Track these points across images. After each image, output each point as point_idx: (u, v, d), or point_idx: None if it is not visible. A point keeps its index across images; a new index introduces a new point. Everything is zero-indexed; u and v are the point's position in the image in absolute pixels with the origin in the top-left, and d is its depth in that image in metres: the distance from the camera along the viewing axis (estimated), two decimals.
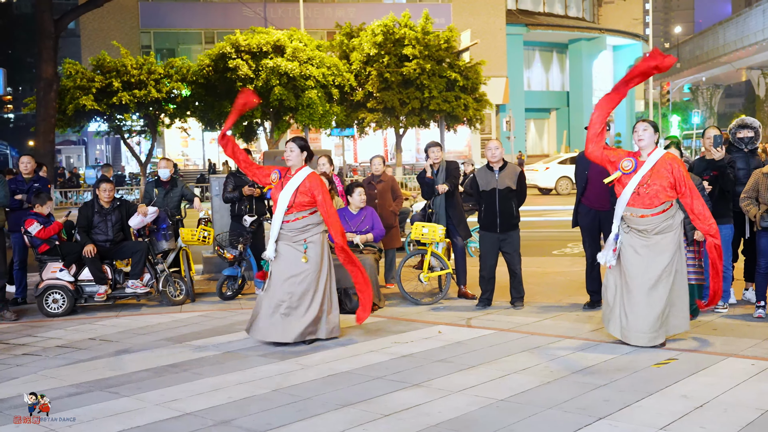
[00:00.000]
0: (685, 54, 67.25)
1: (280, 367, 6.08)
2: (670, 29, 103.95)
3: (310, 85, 28.99)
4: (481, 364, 5.96)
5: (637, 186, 6.27)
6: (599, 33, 51.83)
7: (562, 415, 4.71)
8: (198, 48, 40.07)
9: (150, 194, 9.95)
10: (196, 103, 30.91)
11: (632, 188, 6.29)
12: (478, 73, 32.24)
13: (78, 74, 28.90)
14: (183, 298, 9.15)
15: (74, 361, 6.55)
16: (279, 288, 6.80)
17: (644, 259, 6.29)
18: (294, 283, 6.78)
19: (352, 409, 4.95)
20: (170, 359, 6.45)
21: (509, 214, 8.18)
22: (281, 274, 6.81)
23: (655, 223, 6.26)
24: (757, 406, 4.74)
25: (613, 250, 6.43)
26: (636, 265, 6.32)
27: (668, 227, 6.31)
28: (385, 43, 31.25)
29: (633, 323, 6.29)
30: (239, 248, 9.40)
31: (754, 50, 53.78)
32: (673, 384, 5.26)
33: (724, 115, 77.11)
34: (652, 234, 6.28)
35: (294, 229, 6.82)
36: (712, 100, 72.44)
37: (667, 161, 6.29)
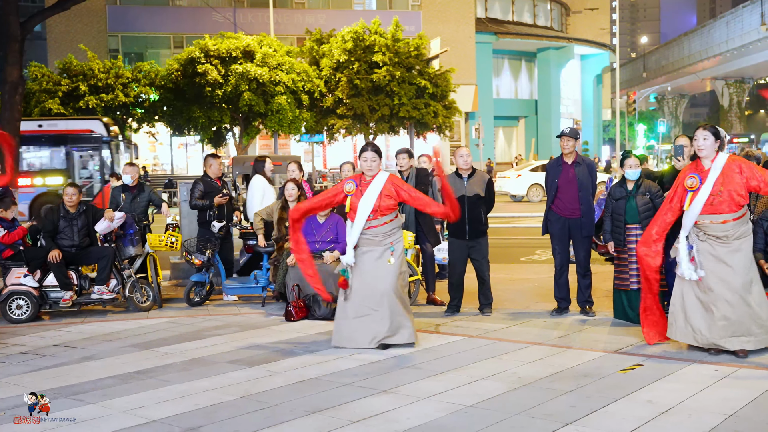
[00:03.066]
0: (651, 64, 68.18)
1: (249, 373, 6.05)
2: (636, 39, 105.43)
3: (279, 91, 28.95)
4: (449, 371, 5.98)
5: (709, 196, 6.10)
6: (567, 42, 52.43)
7: (530, 421, 4.74)
8: (167, 52, 39.81)
9: (117, 199, 9.85)
10: (164, 107, 30.70)
11: (703, 200, 6.11)
12: (447, 81, 32.43)
13: (44, 78, 28.58)
14: (150, 304, 9.06)
15: (38, 368, 6.45)
16: (363, 293, 6.78)
17: (731, 265, 6.11)
18: (377, 287, 6.77)
19: (321, 415, 4.93)
20: (136, 366, 6.38)
21: (478, 221, 8.23)
22: (365, 279, 6.79)
23: (735, 228, 6.13)
24: (720, 411, 4.81)
25: (691, 261, 6.18)
26: (722, 272, 6.13)
27: (746, 231, 6.21)
28: (355, 49, 31.31)
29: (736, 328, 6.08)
30: (207, 254, 9.34)
31: (718, 61, 54.73)
32: (638, 390, 5.32)
33: (689, 125, 78.28)
34: (732, 239, 6.13)
35: (381, 233, 6.82)
36: (677, 109, 73.55)
37: (734, 163, 6.14)
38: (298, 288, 8.32)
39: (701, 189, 6.14)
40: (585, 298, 8.10)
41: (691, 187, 6.19)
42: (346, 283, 6.83)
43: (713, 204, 6.12)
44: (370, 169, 6.92)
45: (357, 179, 6.96)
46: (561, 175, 8.08)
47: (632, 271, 7.54)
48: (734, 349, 6.11)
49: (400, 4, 43.85)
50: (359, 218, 6.81)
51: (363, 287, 6.80)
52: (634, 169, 7.62)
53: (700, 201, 6.14)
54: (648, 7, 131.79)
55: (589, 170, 8.13)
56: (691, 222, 6.23)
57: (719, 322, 6.12)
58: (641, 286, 6.78)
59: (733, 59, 53.20)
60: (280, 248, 8.99)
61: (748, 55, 51.09)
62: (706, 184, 6.13)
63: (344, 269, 6.88)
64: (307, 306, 8.26)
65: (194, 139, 36.62)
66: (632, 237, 7.54)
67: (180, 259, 10.79)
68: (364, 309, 6.76)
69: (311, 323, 8.02)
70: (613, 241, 7.67)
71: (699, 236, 6.24)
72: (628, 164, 7.64)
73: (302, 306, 8.23)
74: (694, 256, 6.20)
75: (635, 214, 7.52)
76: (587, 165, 8.16)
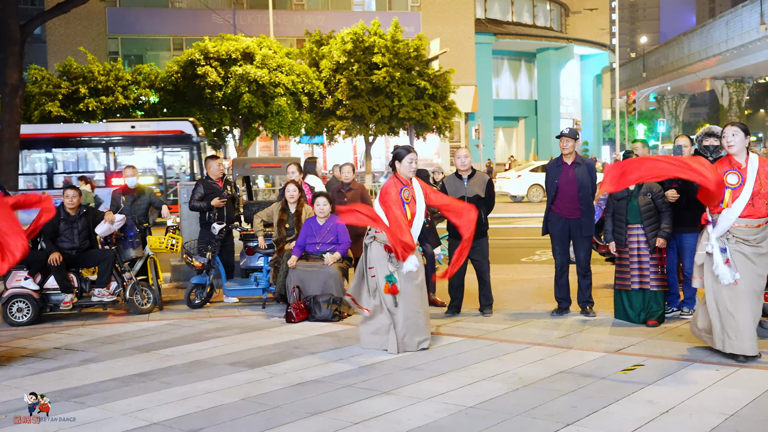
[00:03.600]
0: (650, 64, 68.20)
1: (249, 375, 6.05)
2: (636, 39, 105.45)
3: (279, 93, 28.94)
4: (450, 372, 5.98)
5: (751, 197, 5.92)
6: (567, 42, 52.40)
7: (531, 421, 4.74)
8: (166, 54, 39.80)
9: (117, 202, 9.85)
10: (164, 110, 30.68)
11: (746, 200, 5.91)
12: (447, 82, 32.41)
13: (44, 80, 28.55)
14: (150, 306, 9.07)
15: (39, 370, 6.45)
16: (413, 298, 6.80)
17: (756, 267, 6.00)
18: (420, 293, 6.84)
19: (321, 417, 4.94)
20: (137, 368, 6.38)
21: (478, 222, 8.20)
22: (414, 283, 6.81)
23: (764, 232, 6.00)
24: (721, 411, 4.81)
25: (726, 263, 5.97)
26: (748, 274, 5.97)
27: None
28: (355, 50, 31.30)
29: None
30: (208, 256, 9.34)
31: (717, 60, 54.75)
32: (639, 390, 5.33)
33: (689, 124, 78.35)
34: (761, 242, 5.99)
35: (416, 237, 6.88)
36: (677, 109, 73.55)
37: (764, 164, 6.01)
38: (299, 290, 8.32)
39: (743, 188, 5.92)
40: (585, 298, 8.10)
41: (733, 185, 5.94)
42: (396, 289, 6.75)
43: (754, 205, 5.91)
44: (415, 171, 6.97)
45: (400, 183, 6.92)
46: (561, 175, 8.09)
47: (633, 271, 7.54)
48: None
49: (400, 5, 43.84)
50: (418, 221, 6.85)
51: (413, 293, 6.80)
52: None
53: (743, 201, 5.92)
54: (647, 7, 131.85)
55: (589, 170, 8.12)
56: (729, 223, 5.96)
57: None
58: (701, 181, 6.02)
59: (732, 59, 53.23)
60: (280, 250, 8.99)
61: (748, 54, 51.12)
62: (747, 185, 5.91)
63: (390, 275, 6.76)
64: (307, 308, 8.26)
65: None
66: (633, 237, 7.54)
67: (180, 261, 10.80)
68: (413, 314, 6.77)
69: (312, 325, 8.02)
70: (615, 241, 7.67)
71: (729, 239, 6.01)
72: None
73: (303, 308, 8.24)
74: (729, 258, 5.96)
75: (637, 214, 7.52)
76: (587, 165, 8.16)
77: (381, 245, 6.87)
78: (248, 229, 10.07)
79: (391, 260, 6.80)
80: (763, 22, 45.04)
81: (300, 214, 9.10)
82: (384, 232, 6.69)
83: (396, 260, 6.76)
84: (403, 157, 6.99)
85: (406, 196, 6.87)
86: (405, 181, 6.96)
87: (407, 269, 6.75)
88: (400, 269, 6.76)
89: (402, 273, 6.76)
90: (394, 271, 6.78)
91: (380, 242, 6.88)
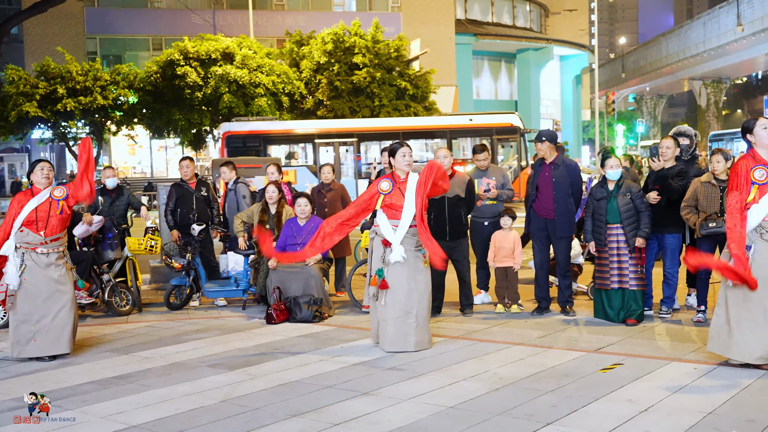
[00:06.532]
0: (629, 64, 68.63)
1: (229, 377, 6.02)
2: (615, 40, 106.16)
3: (259, 93, 28.88)
4: (430, 372, 5.98)
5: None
6: (546, 43, 52.70)
7: (511, 421, 4.75)
8: (145, 55, 39.59)
9: (95, 203, 9.77)
10: (143, 110, 30.53)
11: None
12: (427, 82, 32.49)
13: (21, 80, 28.33)
14: (129, 308, 9.00)
15: (16, 374, 6.38)
16: (405, 295, 6.73)
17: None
18: (417, 290, 6.77)
19: (302, 419, 4.92)
20: (116, 371, 6.33)
21: (458, 222, 8.23)
22: (403, 280, 6.74)
23: None
24: (699, 410, 4.84)
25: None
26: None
27: None
28: (335, 51, 31.29)
29: None
30: (187, 257, 9.29)
31: (695, 61, 55.19)
32: (618, 389, 5.35)
33: (667, 125, 78.85)
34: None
35: (414, 235, 6.81)
36: (655, 109, 74.09)
37: None
38: (279, 290, 8.29)
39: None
40: (565, 298, 8.13)
41: (760, 180, 5.72)
42: (385, 284, 6.73)
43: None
44: (410, 164, 6.94)
45: (391, 177, 6.92)
46: (540, 175, 8.12)
47: (613, 271, 7.58)
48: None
49: (380, 6, 43.89)
50: (405, 217, 6.76)
51: (405, 290, 6.74)
52: (615, 169, 7.66)
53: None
54: (626, 8, 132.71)
55: (569, 172, 8.10)
56: (759, 219, 5.75)
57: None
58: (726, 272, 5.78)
59: (710, 59, 53.67)
60: (260, 251, 8.95)
61: (725, 55, 51.59)
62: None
63: (381, 269, 6.75)
64: (288, 308, 8.23)
65: (174, 141, 36.45)
66: (613, 237, 7.58)
67: (160, 262, 10.73)
68: (410, 315, 6.72)
69: (292, 326, 8.00)
70: (594, 240, 7.71)
71: (763, 235, 5.75)
72: (609, 165, 7.68)
73: (283, 309, 8.21)
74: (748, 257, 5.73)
75: (616, 215, 7.56)
76: (567, 166, 8.14)
77: (379, 239, 6.88)
78: (227, 231, 10.03)
79: (384, 255, 6.79)
80: (739, 24, 45.49)
81: (280, 215, 9.07)
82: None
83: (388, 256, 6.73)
84: (396, 152, 6.99)
85: (384, 188, 6.85)
86: (398, 177, 6.93)
87: (394, 260, 6.71)
88: (390, 263, 6.73)
89: (392, 268, 6.72)
90: (384, 266, 6.76)
91: (379, 237, 6.88)
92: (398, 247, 6.73)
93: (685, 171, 7.78)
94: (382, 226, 6.84)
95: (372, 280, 6.84)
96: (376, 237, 6.96)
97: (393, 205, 6.82)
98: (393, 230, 6.77)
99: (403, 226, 6.78)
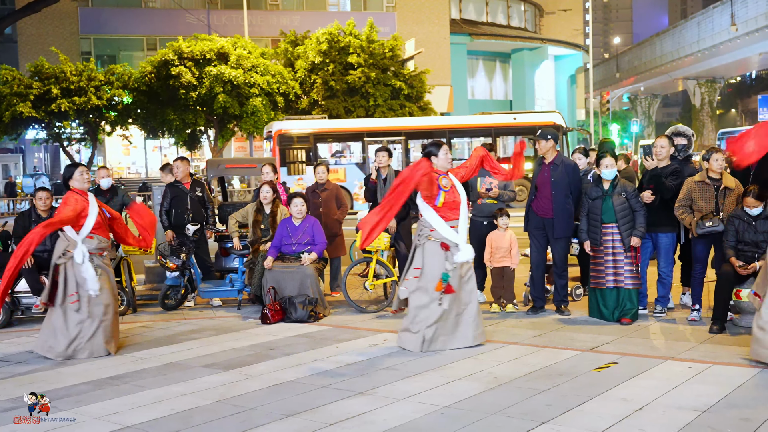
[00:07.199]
0: (624, 64, 68.70)
1: (224, 377, 6.01)
2: (609, 40, 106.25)
3: (254, 93, 28.84)
4: (425, 371, 5.98)
5: None
6: (541, 43, 52.70)
7: (506, 420, 4.76)
8: (140, 55, 39.52)
9: None
10: (138, 110, 30.45)
11: None
12: (422, 82, 32.47)
13: (15, 81, 28.22)
14: (124, 308, 8.97)
15: (11, 374, 6.37)
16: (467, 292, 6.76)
17: None
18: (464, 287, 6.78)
19: (297, 418, 4.92)
20: (111, 371, 6.32)
21: None
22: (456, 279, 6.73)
23: None
24: (694, 408, 4.86)
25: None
26: None
27: None
28: (330, 51, 31.26)
29: None
30: (182, 257, 9.27)
31: (690, 61, 55.26)
32: (613, 387, 5.36)
33: (662, 124, 79.04)
34: None
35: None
36: (650, 109, 74.18)
37: None
38: (274, 290, 8.29)
39: None
40: (561, 297, 8.14)
41: None
42: (452, 288, 6.64)
43: None
44: (450, 161, 6.91)
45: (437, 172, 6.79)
46: (539, 175, 8.12)
47: (608, 270, 7.60)
48: None
49: (375, 6, 43.86)
50: (463, 214, 6.75)
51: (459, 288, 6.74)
52: (610, 168, 7.67)
53: None
54: (620, 8, 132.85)
55: (567, 171, 8.07)
56: None
57: None
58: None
59: (704, 59, 53.75)
60: (255, 251, 8.95)
61: (719, 55, 51.66)
62: None
63: (447, 274, 6.61)
64: (283, 309, 8.23)
65: (168, 141, 36.39)
66: (608, 236, 7.59)
67: (155, 262, 10.71)
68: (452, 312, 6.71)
69: (288, 326, 7.99)
70: (590, 240, 7.72)
71: None
72: (604, 164, 7.68)
73: (278, 309, 8.20)
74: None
75: (612, 214, 7.57)
76: (566, 166, 8.10)
77: (437, 243, 6.70)
78: (223, 230, 10.02)
79: (448, 258, 6.68)
80: (733, 23, 45.56)
81: (275, 215, 9.07)
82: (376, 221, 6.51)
83: (452, 258, 6.64)
84: (439, 149, 6.84)
85: (444, 183, 6.76)
86: (442, 172, 6.86)
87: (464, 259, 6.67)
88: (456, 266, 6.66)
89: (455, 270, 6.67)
90: (450, 270, 6.66)
91: (435, 240, 6.71)
92: (467, 246, 6.71)
93: (679, 170, 7.79)
94: (439, 229, 6.67)
95: (437, 284, 6.60)
96: (428, 242, 6.74)
97: (449, 204, 6.71)
98: (454, 231, 6.69)
99: (462, 224, 6.75)
